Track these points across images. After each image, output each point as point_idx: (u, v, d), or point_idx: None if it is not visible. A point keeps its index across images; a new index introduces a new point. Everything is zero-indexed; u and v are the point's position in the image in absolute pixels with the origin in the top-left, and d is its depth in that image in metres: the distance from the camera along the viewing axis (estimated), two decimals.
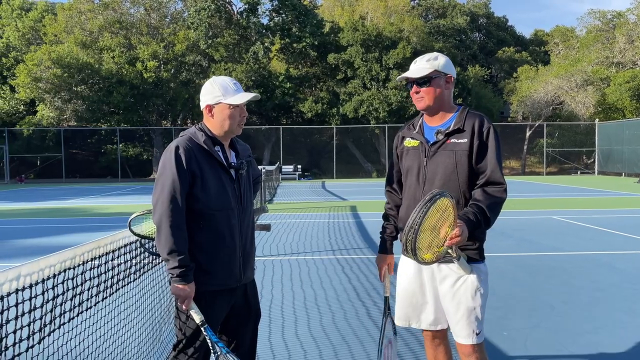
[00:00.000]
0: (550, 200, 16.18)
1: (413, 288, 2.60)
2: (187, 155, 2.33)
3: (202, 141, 2.39)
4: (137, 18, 33.93)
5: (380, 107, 30.84)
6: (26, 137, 32.79)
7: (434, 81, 2.49)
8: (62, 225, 11.34)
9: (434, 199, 2.14)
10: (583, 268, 6.65)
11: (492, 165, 2.43)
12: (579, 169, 33.81)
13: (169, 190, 2.28)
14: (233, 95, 2.40)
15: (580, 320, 4.58)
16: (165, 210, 2.26)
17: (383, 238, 2.77)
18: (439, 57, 2.54)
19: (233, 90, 2.41)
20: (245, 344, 2.57)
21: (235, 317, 2.53)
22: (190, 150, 2.34)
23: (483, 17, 47.17)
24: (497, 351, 3.86)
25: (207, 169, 2.37)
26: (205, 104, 2.45)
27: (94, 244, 2.47)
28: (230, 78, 2.49)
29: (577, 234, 9.33)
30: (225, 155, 2.48)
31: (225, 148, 2.51)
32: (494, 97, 38.21)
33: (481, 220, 2.36)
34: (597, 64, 35.14)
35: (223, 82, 2.43)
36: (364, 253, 7.77)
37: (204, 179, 2.35)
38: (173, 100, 32.34)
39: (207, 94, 2.44)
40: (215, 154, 2.41)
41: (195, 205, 2.35)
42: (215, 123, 2.44)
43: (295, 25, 32.33)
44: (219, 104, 2.41)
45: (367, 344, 4.03)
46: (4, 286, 1.74)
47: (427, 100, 2.50)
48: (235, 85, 2.44)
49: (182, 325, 2.40)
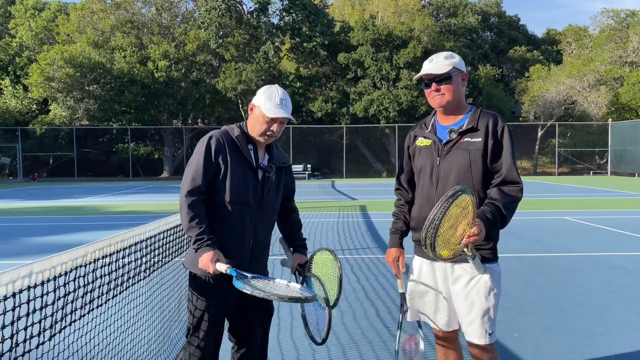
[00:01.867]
0: (562, 200, 16.03)
1: (426, 288, 2.59)
2: (217, 147, 2.48)
3: (235, 136, 2.52)
4: (148, 18, 34.16)
5: (390, 107, 30.75)
6: (39, 136, 33.13)
7: (453, 78, 2.49)
8: (74, 224, 11.45)
9: (456, 195, 2.13)
10: (595, 269, 6.58)
11: (507, 164, 2.42)
12: (591, 170, 33.47)
13: (193, 173, 2.45)
14: (271, 107, 2.49)
15: (592, 322, 4.53)
16: (187, 189, 2.43)
17: (393, 233, 2.73)
18: (455, 56, 2.55)
19: (275, 104, 2.49)
20: (257, 340, 2.59)
21: (246, 310, 2.56)
22: (221, 142, 2.49)
23: (494, 16, 46.84)
24: (508, 352, 3.83)
25: (234, 162, 2.48)
26: (252, 102, 2.59)
27: (105, 242, 2.49)
28: (284, 92, 2.58)
29: (589, 235, 9.23)
30: (257, 155, 2.56)
31: (260, 149, 2.59)
32: (506, 96, 37.92)
33: (498, 219, 2.35)
34: (610, 63, 34.76)
35: (272, 93, 2.53)
36: (373, 253, 7.75)
37: (228, 171, 2.46)
38: (184, 100, 32.51)
39: (257, 94, 2.58)
40: (245, 151, 2.51)
41: (215, 197, 2.47)
42: (250, 122, 2.58)
43: (306, 25, 32.34)
44: (258, 107, 2.53)
45: (376, 344, 4.02)
46: (16, 283, 1.75)
47: (448, 97, 2.49)
48: (282, 102, 2.51)
49: (193, 310, 2.48)
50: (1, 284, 1.68)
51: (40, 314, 1.95)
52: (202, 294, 2.46)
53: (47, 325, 1.99)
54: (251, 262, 2.54)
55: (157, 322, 3.44)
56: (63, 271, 2.09)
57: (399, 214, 2.71)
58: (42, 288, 1.94)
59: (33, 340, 1.89)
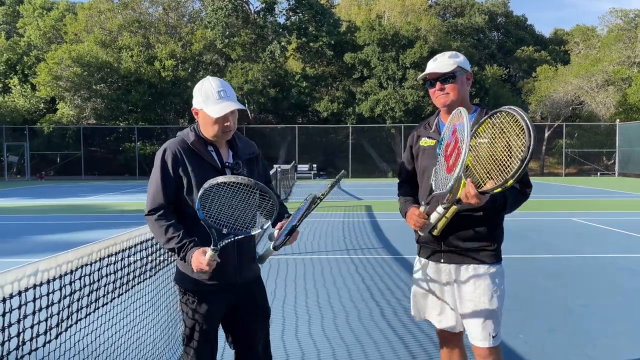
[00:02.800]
0: (569, 201, 15.94)
1: (430, 289, 2.58)
2: (174, 159, 2.33)
3: (191, 142, 2.36)
4: (155, 17, 34.31)
5: (396, 107, 30.70)
6: (47, 135, 33.33)
7: (458, 77, 2.46)
8: (81, 222, 11.51)
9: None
10: (603, 271, 6.53)
11: None
12: (598, 170, 33.26)
13: (153, 192, 2.34)
14: (214, 105, 2.30)
15: (600, 325, 4.50)
16: (148, 209, 2.33)
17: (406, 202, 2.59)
18: (459, 55, 2.53)
19: (215, 99, 2.30)
20: (259, 343, 2.57)
21: (242, 317, 2.51)
22: (177, 153, 2.34)
23: (502, 16, 46.65)
24: (514, 354, 3.80)
25: (196, 170, 2.33)
26: (193, 106, 2.42)
27: (110, 240, 2.49)
28: (220, 82, 2.36)
29: (597, 237, 9.17)
30: (220, 156, 2.41)
31: (221, 147, 2.45)
32: (512, 96, 37.76)
33: (497, 202, 2.33)
34: (618, 63, 34.53)
35: (207, 90, 2.34)
36: (378, 253, 7.73)
37: (192, 181, 2.32)
38: (190, 99, 31.82)
39: (194, 96, 2.40)
40: (206, 155, 2.36)
41: (187, 209, 2.34)
42: (201, 126, 2.40)
43: (312, 25, 32.35)
44: (201, 109, 2.35)
45: (381, 344, 4.01)
46: (22, 281, 1.76)
47: (453, 96, 2.46)
48: (220, 94, 2.31)
49: (186, 318, 2.44)
50: (7, 282, 1.68)
51: (47, 312, 1.96)
52: (192, 307, 2.40)
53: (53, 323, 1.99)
54: (241, 270, 2.44)
55: (163, 320, 3.45)
56: (69, 269, 2.10)
57: (408, 199, 2.61)
58: (48, 286, 1.95)
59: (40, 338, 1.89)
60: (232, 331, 2.55)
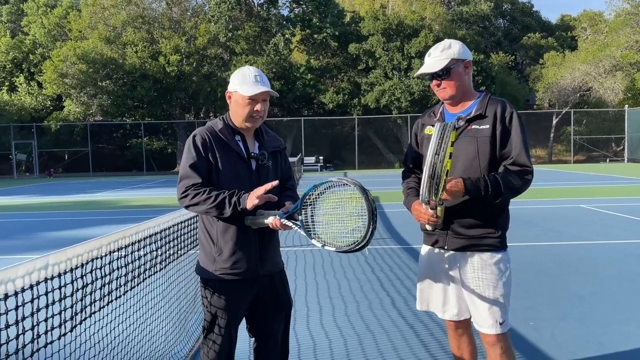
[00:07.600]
0: (578, 188, 15.84)
1: (435, 277, 2.58)
2: (203, 143, 2.39)
3: (219, 129, 2.43)
4: (159, 12, 34.28)
5: (402, 97, 30.55)
6: (54, 132, 33.54)
7: (453, 71, 2.43)
8: (90, 218, 11.59)
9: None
10: (612, 257, 6.50)
11: (517, 149, 2.38)
12: (607, 157, 32.99)
13: (183, 174, 2.38)
14: (249, 86, 2.37)
15: (610, 311, 4.48)
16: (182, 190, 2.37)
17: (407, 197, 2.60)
18: (453, 45, 2.47)
19: (251, 82, 2.38)
20: (278, 334, 2.58)
21: (264, 308, 2.53)
22: (206, 139, 2.40)
23: (507, 3, 46.13)
24: (524, 341, 3.80)
25: (223, 157, 2.40)
26: (227, 90, 2.49)
27: (119, 234, 2.51)
28: (257, 69, 2.45)
29: (606, 223, 9.11)
30: (246, 145, 2.46)
31: (248, 138, 2.49)
32: (519, 84, 37.46)
33: (489, 189, 2.31)
34: (626, 48, 34.11)
35: (244, 72, 2.43)
36: (387, 244, 7.74)
37: (219, 166, 2.39)
38: (195, 94, 32.64)
39: (231, 81, 2.47)
40: (233, 143, 2.42)
41: None
42: (232, 110, 2.47)
43: (316, 16, 32.20)
44: (235, 92, 2.42)
45: (392, 334, 4.02)
46: (32, 275, 1.77)
47: (450, 91, 2.46)
48: (257, 78, 2.39)
49: (205, 310, 2.46)
50: (18, 276, 1.70)
51: (60, 306, 1.98)
52: (214, 299, 2.42)
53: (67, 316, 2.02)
54: (262, 262, 2.45)
55: (174, 313, 3.48)
56: (79, 263, 2.12)
57: (412, 187, 2.60)
58: (59, 280, 1.97)
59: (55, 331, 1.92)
60: (252, 322, 2.57)
